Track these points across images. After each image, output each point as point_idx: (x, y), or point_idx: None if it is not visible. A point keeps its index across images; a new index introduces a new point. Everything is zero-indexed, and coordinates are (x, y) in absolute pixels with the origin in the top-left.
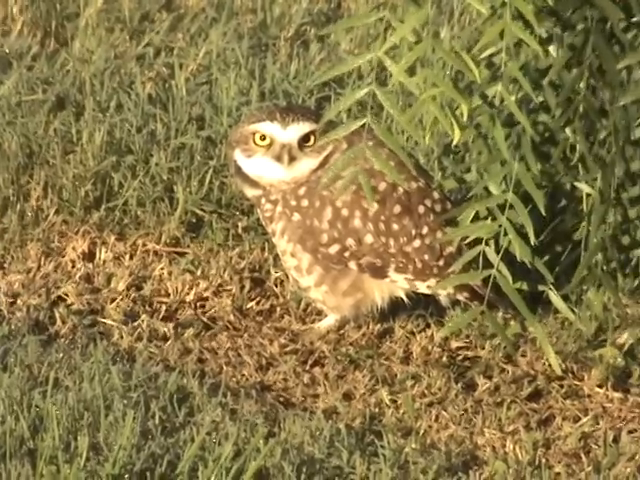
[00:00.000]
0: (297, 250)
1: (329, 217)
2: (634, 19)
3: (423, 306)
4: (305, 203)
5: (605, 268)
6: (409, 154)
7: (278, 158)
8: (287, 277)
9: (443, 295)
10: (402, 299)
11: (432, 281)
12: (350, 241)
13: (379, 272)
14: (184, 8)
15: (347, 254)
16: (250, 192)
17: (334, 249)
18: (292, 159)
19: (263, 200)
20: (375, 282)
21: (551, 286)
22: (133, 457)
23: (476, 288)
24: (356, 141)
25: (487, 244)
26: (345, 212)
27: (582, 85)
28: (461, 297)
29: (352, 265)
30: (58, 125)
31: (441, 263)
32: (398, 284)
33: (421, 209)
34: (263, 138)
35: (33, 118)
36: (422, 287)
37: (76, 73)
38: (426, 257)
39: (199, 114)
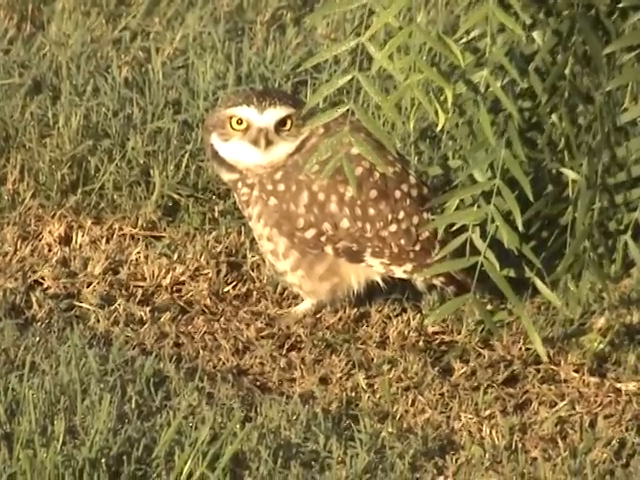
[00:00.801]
0: (273, 234)
1: (305, 201)
2: (619, 4)
3: (399, 290)
4: (281, 187)
5: (592, 255)
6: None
7: (255, 142)
8: (263, 261)
9: (419, 280)
10: (378, 283)
11: (408, 266)
12: (326, 225)
13: (355, 257)
14: None
15: (323, 238)
16: (227, 176)
17: (310, 233)
18: (269, 143)
19: (240, 184)
20: (351, 266)
21: (536, 272)
22: (110, 441)
23: (452, 273)
24: (332, 126)
25: (472, 231)
26: (321, 196)
27: (567, 71)
28: (437, 282)
29: (328, 250)
30: (34, 109)
31: (417, 248)
32: (374, 269)
33: (397, 194)
34: (240, 122)
35: (9, 102)
36: (398, 272)
37: (52, 57)
38: (402, 242)
39: (175, 98)
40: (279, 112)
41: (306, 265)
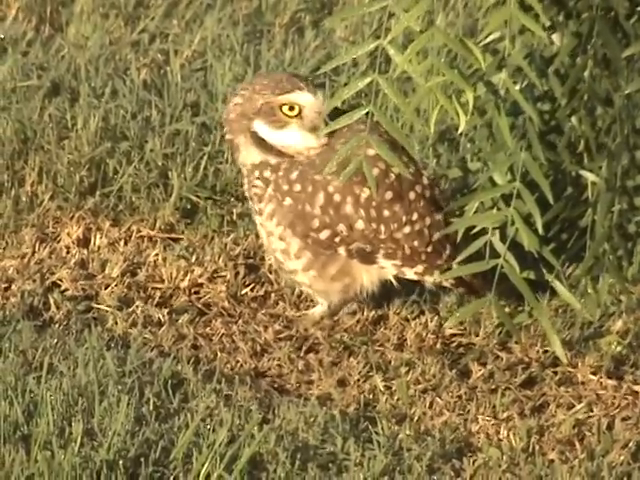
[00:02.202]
0: (286, 234)
1: (321, 202)
2: (639, 7)
3: (417, 293)
4: (297, 188)
5: (611, 257)
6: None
7: (312, 127)
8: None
9: (429, 281)
10: (392, 282)
11: (419, 267)
12: (341, 227)
13: (368, 258)
14: None
15: (337, 239)
16: (274, 159)
17: (325, 234)
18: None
19: (257, 172)
20: (363, 267)
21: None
22: (127, 443)
23: (463, 275)
24: (354, 124)
25: (492, 234)
26: (337, 198)
27: (586, 74)
28: (447, 283)
29: (341, 251)
30: (53, 111)
31: (429, 249)
32: (386, 270)
33: (412, 195)
34: (292, 108)
35: (28, 104)
36: (410, 273)
37: (71, 59)
38: (415, 243)
39: (194, 100)
40: (323, 94)
41: (319, 266)
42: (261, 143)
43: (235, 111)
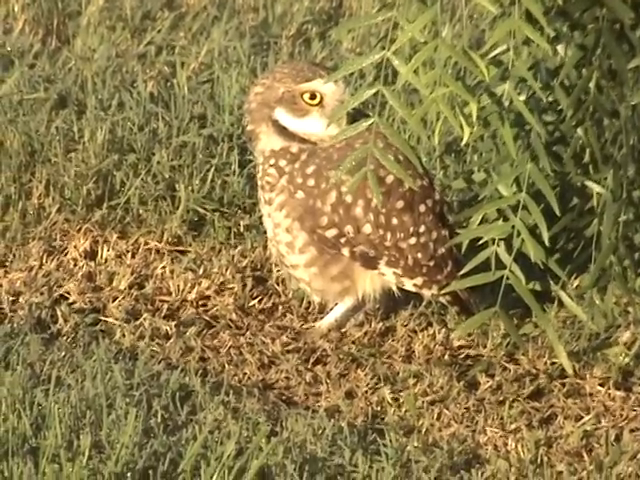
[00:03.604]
0: (294, 227)
1: (332, 201)
2: None
3: (425, 304)
4: (311, 183)
5: (617, 268)
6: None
7: (333, 115)
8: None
9: (427, 295)
10: (395, 293)
11: (419, 279)
12: (349, 228)
13: (370, 262)
14: (185, 6)
15: (343, 240)
16: (296, 146)
17: (331, 233)
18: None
19: (272, 160)
20: (364, 272)
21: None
22: (135, 455)
23: (458, 292)
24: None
25: (497, 245)
26: (349, 199)
27: (592, 85)
28: (443, 300)
29: (345, 251)
30: (60, 123)
31: (431, 263)
32: (386, 277)
33: (422, 208)
34: (314, 97)
35: (35, 116)
36: (408, 284)
37: (78, 71)
38: (419, 255)
39: (201, 112)
40: (344, 83)
41: (321, 263)
42: (283, 131)
43: (256, 100)
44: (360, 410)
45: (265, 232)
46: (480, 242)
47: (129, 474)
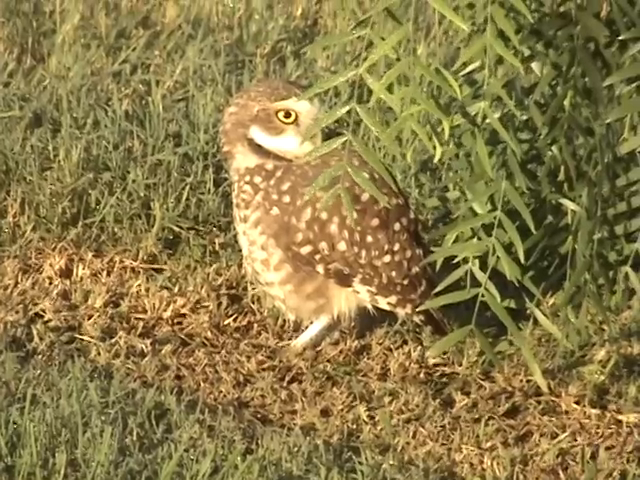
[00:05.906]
0: (269, 244)
1: (307, 218)
2: (619, 37)
3: (400, 323)
4: (287, 199)
5: (592, 286)
6: (389, 171)
7: (308, 133)
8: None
9: (401, 314)
10: (370, 312)
11: (393, 298)
12: (323, 245)
13: (344, 280)
14: (160, 25)
15: (318, 257)
16: (271, 164)
17: (306, 250)
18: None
19: (248, 177)
20: (339, 290)
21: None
22: (111, 473)
23: (432, 311)
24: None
25: (472, 263)
26: (324, 216)
27: (567, 103)
28: (417, 319)
29: (319, 269)
30: (35, 142)
31: (405, 282)
32: (360, 295)
33: (397, 226)
34: (288, 115)
35: (10, 135)
36: (382, 303)
37: (53, 90)
38: (393, 274)
39: (176, 131)
40: (319, 102)
41: (296, 281)
42: (258, 149)
43: (230, 120)
44: (336, 428)
45: (240, 250)
46: (454, 260)
47: None
